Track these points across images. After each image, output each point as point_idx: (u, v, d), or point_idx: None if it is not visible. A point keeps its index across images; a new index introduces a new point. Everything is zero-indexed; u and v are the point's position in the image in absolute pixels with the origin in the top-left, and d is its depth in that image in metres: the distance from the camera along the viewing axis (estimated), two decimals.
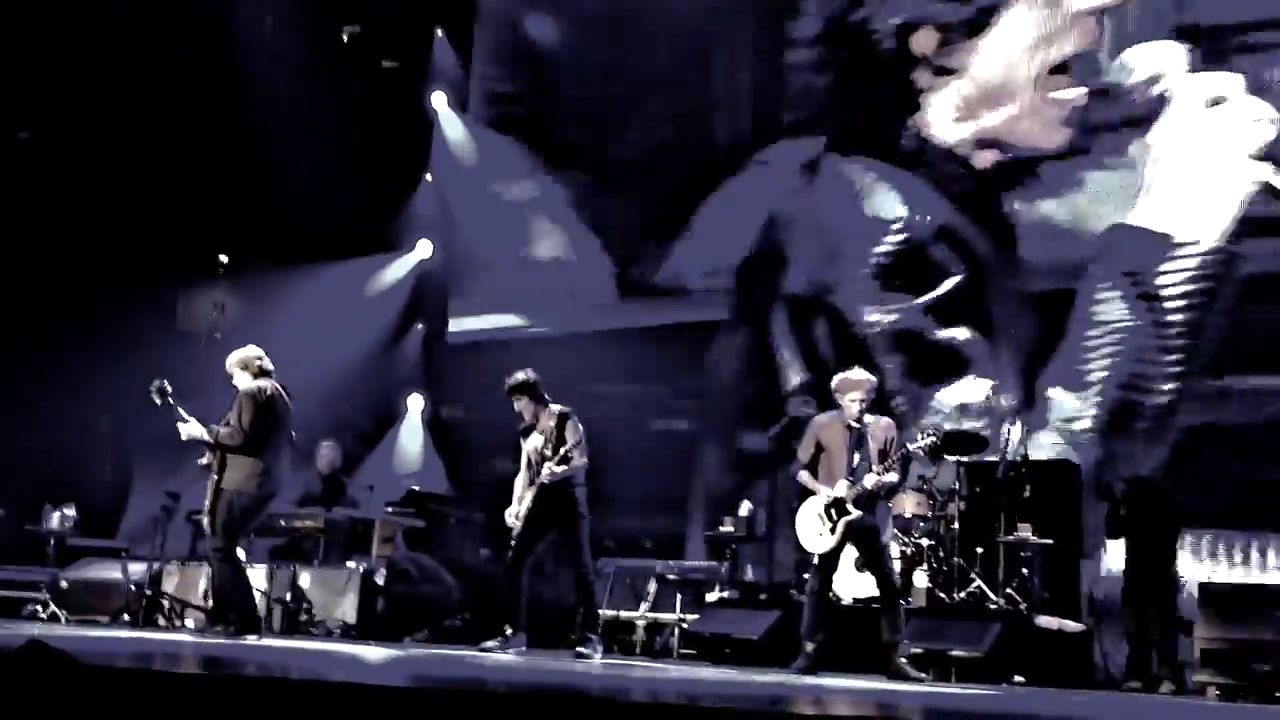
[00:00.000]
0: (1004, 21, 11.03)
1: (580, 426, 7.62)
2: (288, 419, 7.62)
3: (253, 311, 12.64)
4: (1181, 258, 9.93)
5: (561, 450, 7.43)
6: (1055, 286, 10.51)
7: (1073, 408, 10.08)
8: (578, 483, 7.59)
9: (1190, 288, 9.87)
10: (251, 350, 7.72)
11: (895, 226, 11.33)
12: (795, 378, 11.58)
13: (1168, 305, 9.94)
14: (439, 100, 14.27)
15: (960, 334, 10.69)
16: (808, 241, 11.83)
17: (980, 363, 10.67)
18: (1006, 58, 10.98)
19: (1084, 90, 10.59)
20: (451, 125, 14.28)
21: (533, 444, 7.71)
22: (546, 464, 7.45)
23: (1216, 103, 10.02)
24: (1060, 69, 10.71)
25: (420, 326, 14.44)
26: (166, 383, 7.48)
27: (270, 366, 7.68)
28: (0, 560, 10.47)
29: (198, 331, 12.44)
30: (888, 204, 11.42)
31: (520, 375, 7.74)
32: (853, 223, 11.56)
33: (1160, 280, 10.00)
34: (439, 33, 14.43)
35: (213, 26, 12.61)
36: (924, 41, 11.38)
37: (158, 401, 7.47)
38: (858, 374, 7.33)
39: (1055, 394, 10.15)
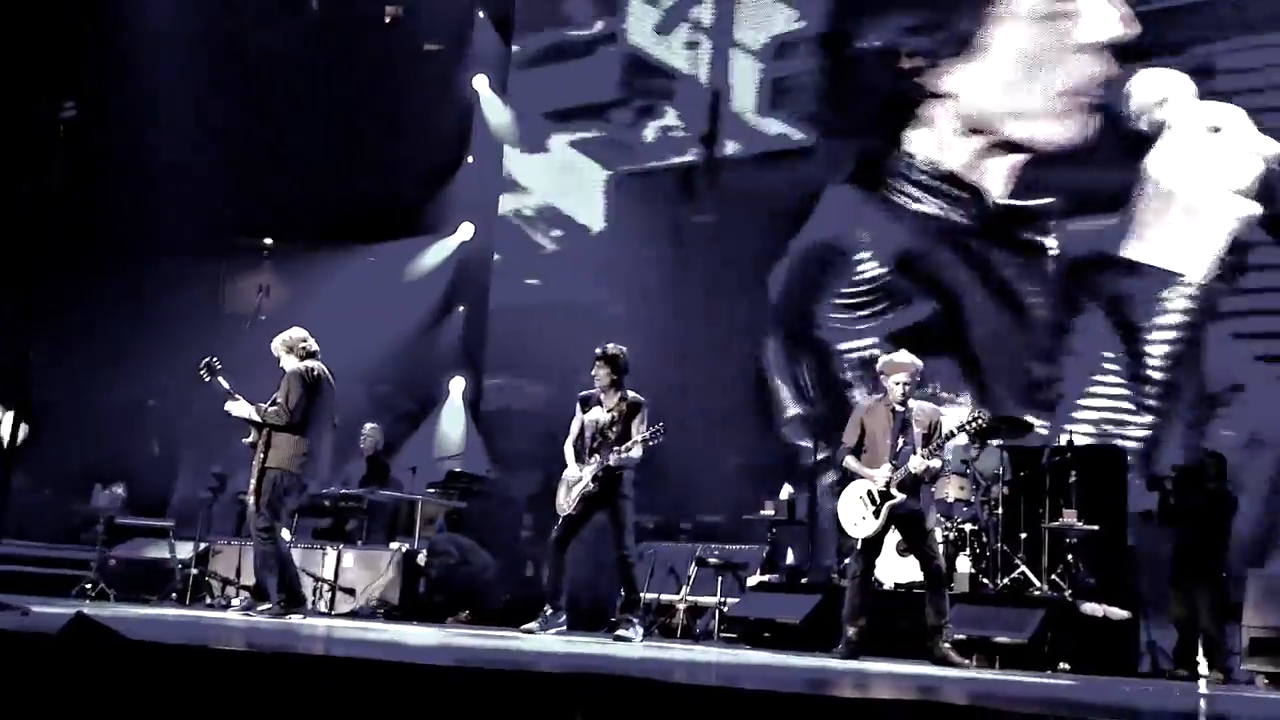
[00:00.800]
0: (996, 45, 10.91)
1: (646, 419, 7.66)
2: (332, 400, 7.68)
3: (296, 294, 12.76)
4: (1167, 291, 9.86)
5: (635, 437, 7.50)
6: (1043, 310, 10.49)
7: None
8: (629, 466, 7.62)
9: (1174, 320, 9.82)
10: (297, 332, 7.78)
11: (864, 255, 11.32)
12: (790, 409, 11.51)
13: (1150, 338, 9.88)
14: (480, 83, 14.29)
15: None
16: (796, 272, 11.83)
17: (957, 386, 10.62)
18: (1005, 79, 10.88)
19: (1088, 115, 10.46)
20: (492, 108, 14.30)
21: (594, 416, 7.73)
22: (615, 448, 7.51)
23: (1214, 132, 9.87)
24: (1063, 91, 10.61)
25: (461, 309, 14.49)
26: (216, 360, 7.57)
27: (316, 348, 7.74)
28: (50, 539, 10.64)
29: (242, 313, 12.57)
30: (861, 232, 11.43)
31: (614, 347, 7.75)
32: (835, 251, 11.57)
33: (1143, 312, 9.96)
34: (480, 14, 14.45)
35: (257, 8, 12.70)
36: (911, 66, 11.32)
37: (207, 378, 7.56)
38: (902, 356, 7.26)
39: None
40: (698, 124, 12.93)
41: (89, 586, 9.57)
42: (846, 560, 8.29)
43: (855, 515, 7.10)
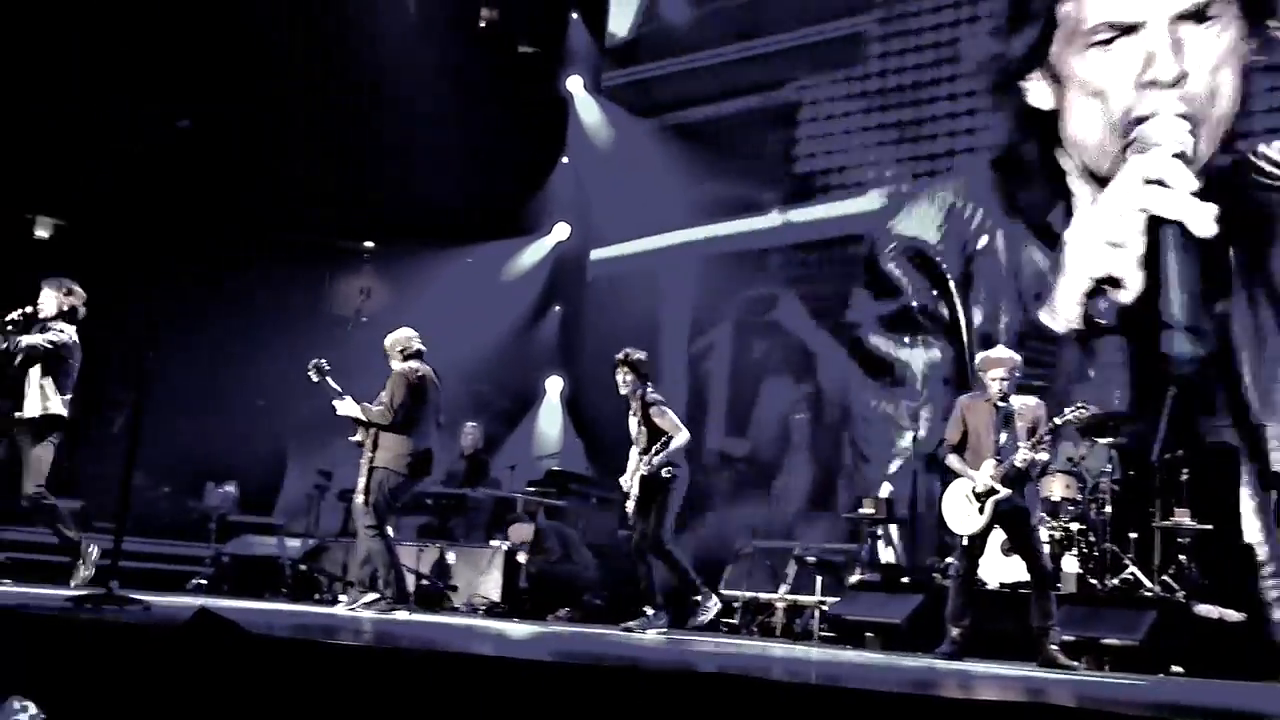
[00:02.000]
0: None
1: (668, 411, 7.76)
2: (437, 400, 7.81)
3: (397, 295, 12.98)
4: None
5: (655, 447, 7.63)
6: None
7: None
8: (678, 466, 7.68)
9: None
10: (404, 332, 7.95)
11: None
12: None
13: None
14: (574, 83, 14.39)
15: None
16: None
17: None
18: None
19: None
20: (587, 108, 14.39)
21: (631, 420, 7.87)
22: (644, 458, 7.65)
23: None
24: None
25: (558, 308, 14.61)
26: (325, 361, 7.75)
27: (422, 348, 7.89)
28: (165, 535, 10.99)
29: (345, 315, 12.84)
30: None
31: (633, 351, 7.89)
32: None
33: None
34: (574, 15, 14.55)
35: (357, 12, 12.94)
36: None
37: (315, 379, 7.74)
38: (999, 352, 7.15)
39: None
40: None
41: (203, 581, 9.88)
42: (948, 559, 8.19)
43: (959, 513, 7.01)
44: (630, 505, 7.76)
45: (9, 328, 7.27)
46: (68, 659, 3.57)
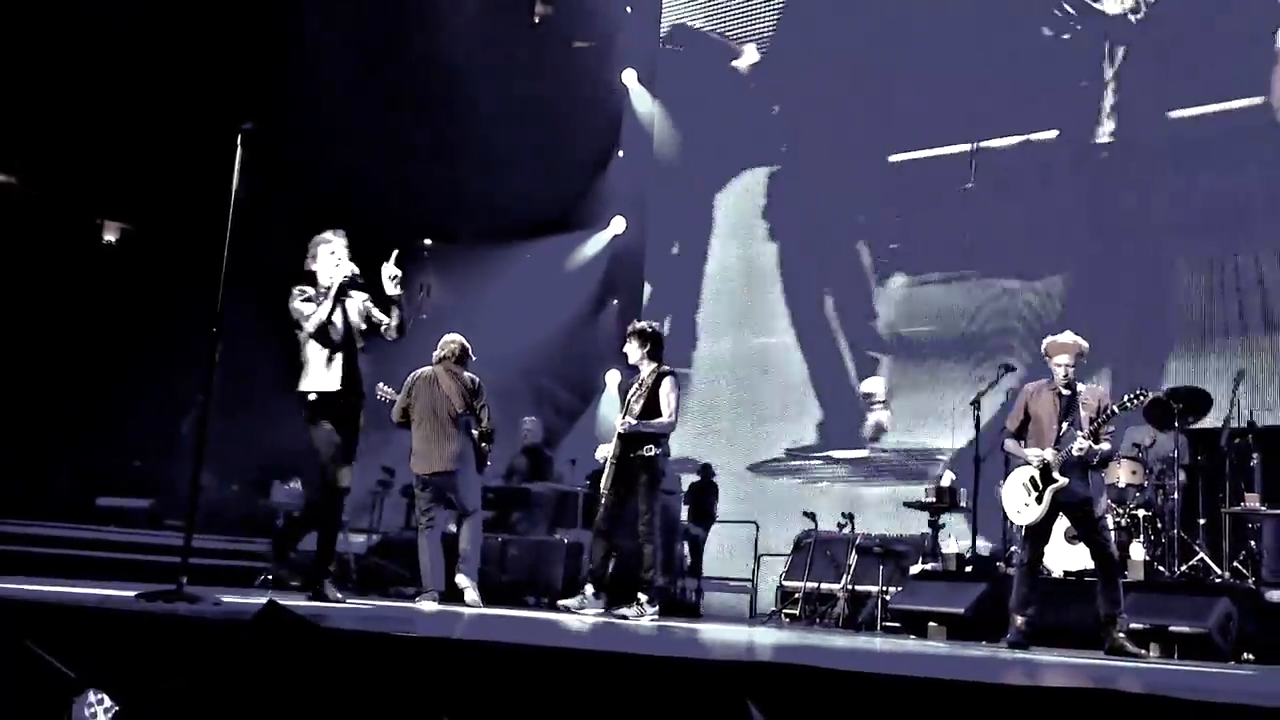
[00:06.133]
0: None
1: (675, 393, 7.61)
2: (429, 396, 7.71)
3: (457, 292, 13.06)
4: None
5: (663, 406, 7.49)
6: None
7: None
8: (659, 446, 7.53)
9: None
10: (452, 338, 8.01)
11: None
12: None
13: None
14: (629, 77, 14.41)
15: None
16: None
17: None
18: None
19: None
20: (642, 102, 14.40)
21: (632, 391, 7.74)
22: (627, 415, 7.51)
23: None
24: None
25: (615, 301, 14.64)
26: (383, 385, 7.83)
27: (435, 353, 7.92)
28: (233, 532, 11.18)
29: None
30: None
31: (646, 323, 7.92)
32: None
33: None
34: (628, 10, 14.56)
35: (417, 8, 13.02)
36: None
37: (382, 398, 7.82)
38: (1066, 336, 7.04)
39: None
40: None
41: (270, 578, 10.02)
42: (1013, 548, 8.11)
43: (1018, 502, 6.94)
44: (607, 474, 7.61)
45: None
46: (140, 654, 3.66)
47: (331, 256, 6.84)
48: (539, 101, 13.38)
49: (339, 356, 6.67)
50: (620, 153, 14.63)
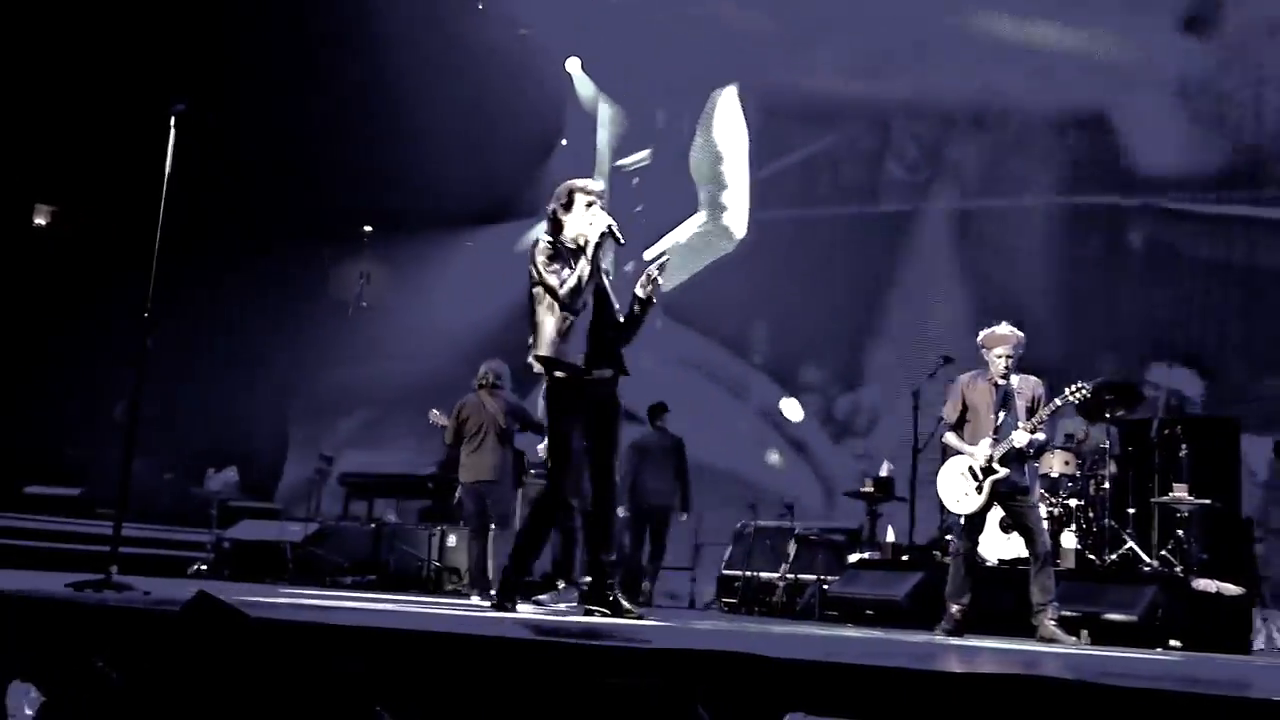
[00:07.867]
0: None
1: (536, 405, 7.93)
2: (478, 419, 8.61)
3: (399, 278, 12.95)
4: None
5: None
6: None
7: None
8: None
9: None
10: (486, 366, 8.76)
11: None
12: None
13: None
14: (573, 65, 14.35)
15: None
16: None
17: None
18: None
19: None
20: (585, 89, 14.35)
21: None
22: None
23: None
24: None
25: None
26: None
27: (477, 381, 8.87)
28: (167, 521, 11.02)
29: (346, 299, 12.83)
30: None
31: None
32: None
33: None
34: None
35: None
36: None
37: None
38: (1004, 329, 7.08)
39: None
40: None
41: (203, 567, 9.90)
42: (948, 537, 8.20)
43: (957, 491, 7.01)
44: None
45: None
46: (69, 644, 3.59)
47: (588, 211, 5.97)
48: (482, 88, 13.29)
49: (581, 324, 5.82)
50: (564, 141, 14.57)
